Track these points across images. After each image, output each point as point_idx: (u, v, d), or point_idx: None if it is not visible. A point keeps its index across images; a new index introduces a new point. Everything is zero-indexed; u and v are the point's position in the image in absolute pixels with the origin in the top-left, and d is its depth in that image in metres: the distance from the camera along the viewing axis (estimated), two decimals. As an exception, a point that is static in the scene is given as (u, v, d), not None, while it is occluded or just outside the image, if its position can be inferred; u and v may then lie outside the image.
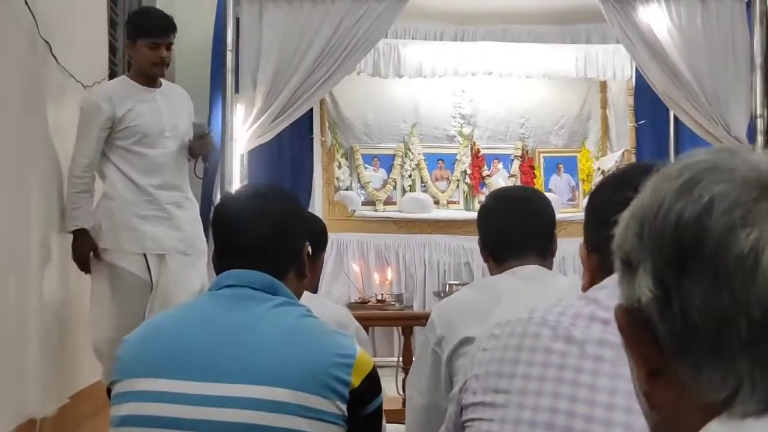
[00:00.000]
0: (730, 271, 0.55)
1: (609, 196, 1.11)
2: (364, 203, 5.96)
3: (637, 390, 0.61)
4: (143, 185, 3.35)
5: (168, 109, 3.43)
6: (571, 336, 1.03)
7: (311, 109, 5.41)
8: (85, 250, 3.29)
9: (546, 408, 1.00)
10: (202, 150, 3.55)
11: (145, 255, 3.34)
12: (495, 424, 1.04)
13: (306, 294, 1.69)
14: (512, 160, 6.26)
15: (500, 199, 1.91)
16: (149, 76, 3.42)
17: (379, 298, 5.12)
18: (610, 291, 1.03)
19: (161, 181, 3.39)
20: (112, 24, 4.44)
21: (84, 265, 3.31)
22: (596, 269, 1.14)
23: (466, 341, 1.67)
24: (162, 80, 3.49)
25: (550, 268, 1.84)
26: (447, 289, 5.17)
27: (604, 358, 1.00)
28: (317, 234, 2.10)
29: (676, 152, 5.78)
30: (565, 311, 1.06)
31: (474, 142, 6.22)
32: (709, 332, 0.55)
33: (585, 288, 1.15)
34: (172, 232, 3.40)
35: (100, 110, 3.28)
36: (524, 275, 1.76)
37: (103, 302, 3.34)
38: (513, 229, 1.81)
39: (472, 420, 1.08)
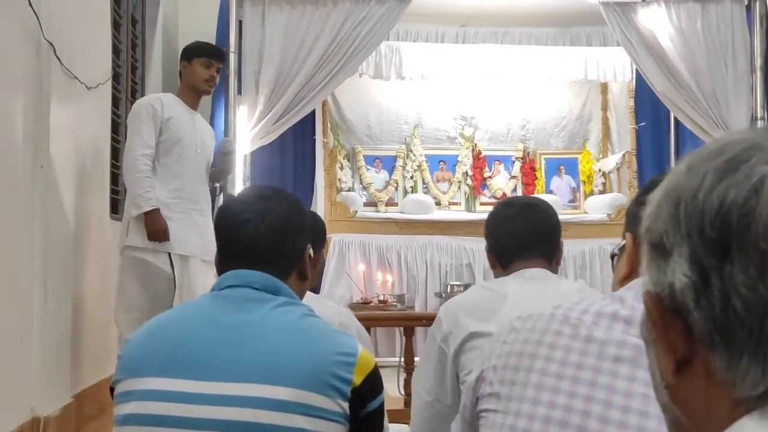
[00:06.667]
0: None
1: None
2: (365, 204, 5.98)
3: (658, 382, 0.58)
4: (173, 189, 3.65)
5: (201, 131, 3.86)
6: (591, 335, 1.02)
7: (313, 111, 5.44)
8: (163, 224, 3.57)
9: (561, 406, 1.00)
10: (224, 165, 3.94)
11: (169, 254, 3.59)
12: (509, 417, 1.04)
13: (308, 295, 1.70)
14: (513, 161, 6.28)
15: (508, 206, 1.96)
16: (197, 93, 3.85)
17: (381, 298, 5.14)
18: (636, 293, 1.03)
19: (190, 188, 3.72)
20: (116, 25, 4.46)
21: (165, 235, 3.57)
22: (638, 263, 1.14)
23: (472, 336, 1.72)
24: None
25: (555, 273, 1.88)
26: (448, 290, 5.18)
27: (623, 360, 0.99)
28: (317, 233, 2.11)
29: (677, 154, 5.80)
30: (588, 309, 1.05)
31: (475, 144, 6.24)
32: (753, 322, 0.51)
33: (621, 276, 1.14)
34: (195, 236, 3.68)
35: (151, 107, 3.66)
36: (530, 276, 1.81)
37: (129, 294, 3.58)
38: (520, 234, 1.86)
39: (487, 411, 1.08)
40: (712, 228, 0.53)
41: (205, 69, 3.82)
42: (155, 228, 3.54)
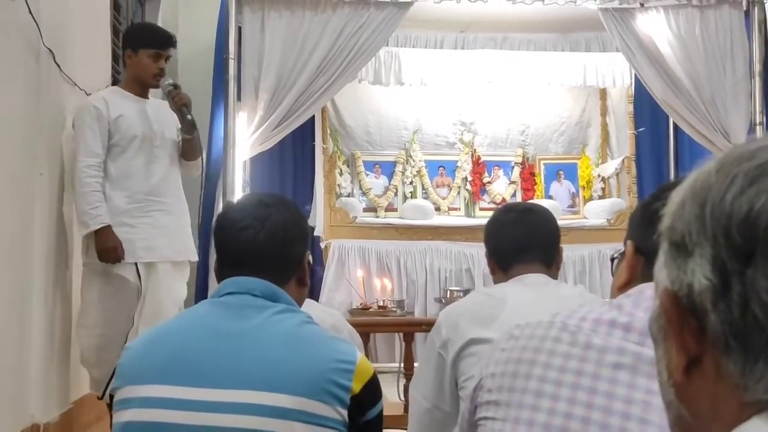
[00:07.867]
0: None
1: None
2: (365, 210, 5.98)
3: (664, 379, 0.58)
4: (133, 192, 3.38)
5: (157, 119, 3.48)
6: (590, 342, 1.02)
7: (313, 117, 5.44)
8: (115, 243, 3.26)
9: (561, 412, 1.00)
10: (178, 100, 3.43)
11: (136, 263, 3.34)
12: (508, 424, 1.04)
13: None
14: (513, 167, 6.28)
15: (508, 212, 1.99)
16: (144, 86, 3.50)
17: (381, 304, 5.13)
18: (634, 299, 1.04)
19: (151, 188, 3.41)
20: (115, 32, 4.47)
21: (117, 255, 3.27)
22: (638, 271, 1.12)
23: (472, 342, 1.72)
24: (150, 95, 3.57)
25: (555, 279, 1.89)
26: (448, 296, 5.18)
27: (623, 367, 1.00)
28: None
29: (676, 160, 5.80)
30: (587, 316, 1.05)
31: (474, 149, 6.24)
32: None
33: (620, 284, 1.14)
34: (163, 239, 3.42)
35: (97, 110, 3.33)
36: (529, 282, 1.81)
37: (92, 310, 3.35)
38: (519, 239, 1.87)
39: (485, 418, 1.08)
40: (738, 232, 0.52)
41: (154, 62, 3.42)
42: (105, 247, 3.23)
